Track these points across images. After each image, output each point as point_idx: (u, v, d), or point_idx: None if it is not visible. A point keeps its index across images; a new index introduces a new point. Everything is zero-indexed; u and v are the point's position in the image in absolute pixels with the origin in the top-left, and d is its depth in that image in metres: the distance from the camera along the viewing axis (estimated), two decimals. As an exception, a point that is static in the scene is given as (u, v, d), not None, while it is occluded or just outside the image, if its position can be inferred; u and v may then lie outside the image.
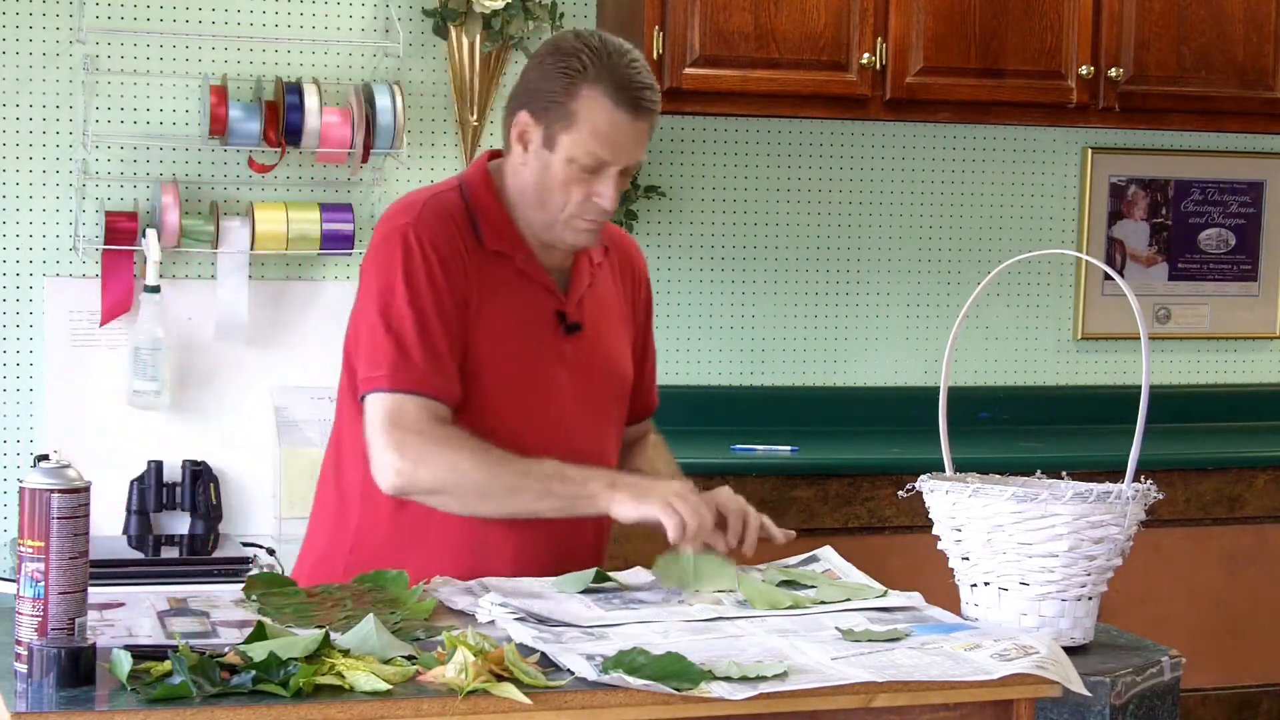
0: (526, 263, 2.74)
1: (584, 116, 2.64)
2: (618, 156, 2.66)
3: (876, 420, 4.90)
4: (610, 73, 2.64)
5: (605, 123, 2.63)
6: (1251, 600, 4.72)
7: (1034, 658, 2.24)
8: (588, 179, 2.67)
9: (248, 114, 4.32)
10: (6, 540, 4.32)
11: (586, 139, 2.64)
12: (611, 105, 2.63)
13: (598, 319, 2.81)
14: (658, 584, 2.60)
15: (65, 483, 2.10)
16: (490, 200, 2.75)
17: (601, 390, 2.82)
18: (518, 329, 2.72)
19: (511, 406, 2.71)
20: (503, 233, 2.73)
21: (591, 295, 2.81)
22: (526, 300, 2.74)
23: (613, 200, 2.68)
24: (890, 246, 4.99)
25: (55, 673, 2.03)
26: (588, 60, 2.65)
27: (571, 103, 2.64)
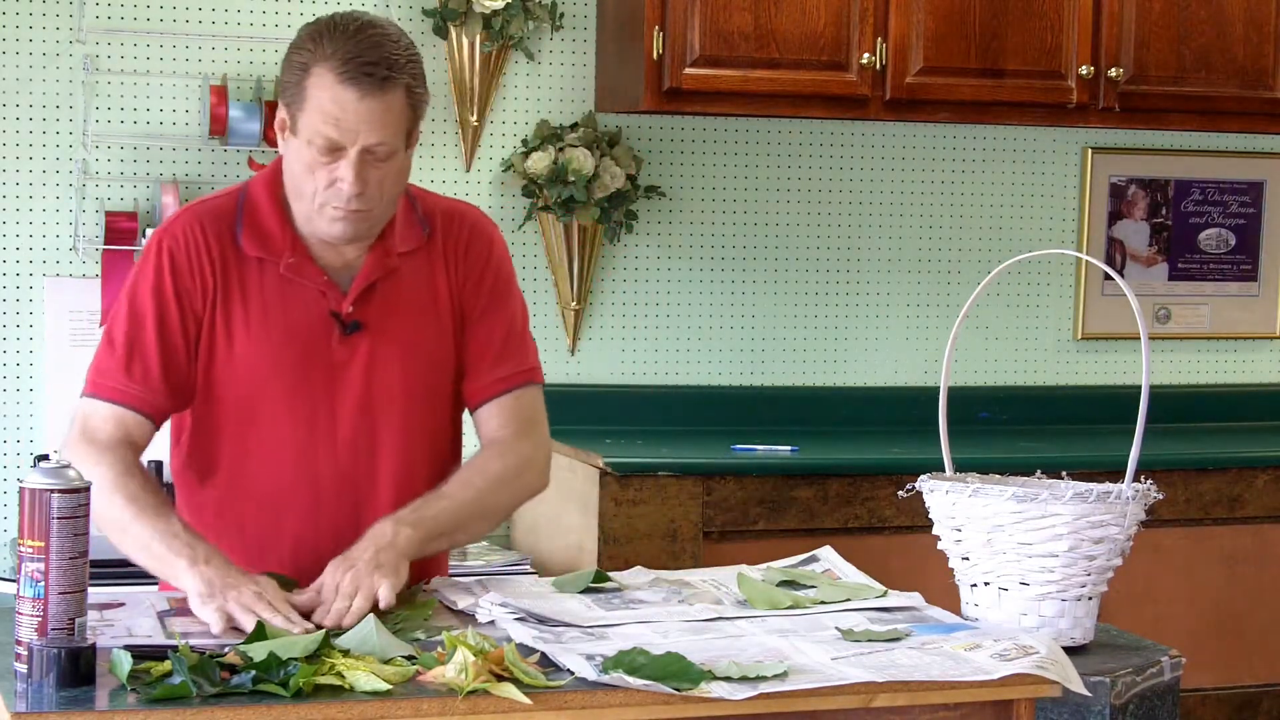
0: (293, 266, 2.63)
1: (311, 95, 2.53)
2: (347, 136, 2.51)
3: (876, 420, 4.90)
4: (338, 49, 2.52)
5: (329, 100, 2.52)
6: (1251, 600, 4.72)
7: (1034, 658, 2.24)
8: (330, 163, 2.54)
9: (248, 114, 4.32)
10: (6, 540, 4.32)
11: (315, 119, 2.53)
12: (334, 81, 2.51)
13: (392, 313, 2.68)
14: (658, 584, 2.60)
15: (65, 483, 2.10)
16: (268, 203, 2.66)
17: (399, 387, 2.68)
18: (281, 335, 2.63)
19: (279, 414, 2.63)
20: (267, 236, 2.64)
21: (388, 288, 2.68)
22: (295, 305, 2.63)
23: (354, 184, 2.52)
24: (890, 246, 4.99)
25: (55, 673, 2.03)
26: (321, 39, 2.54)
27: (304, 83, 2.54)
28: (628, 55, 4.49)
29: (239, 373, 2.63)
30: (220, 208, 2.68)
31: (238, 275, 2.63)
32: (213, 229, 2.64)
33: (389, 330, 2.67)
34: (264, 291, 2.63)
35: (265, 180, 2.68)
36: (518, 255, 4.66)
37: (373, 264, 2.66)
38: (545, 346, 4.67)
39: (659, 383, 4.81)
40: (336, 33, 2.54)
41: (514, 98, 4.64)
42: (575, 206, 4.56)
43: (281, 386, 2.63)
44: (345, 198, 2.55)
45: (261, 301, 2.63)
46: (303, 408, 2.64)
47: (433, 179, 4.57)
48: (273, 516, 2.65)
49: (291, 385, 2.63)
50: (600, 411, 4.71)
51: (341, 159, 2.53)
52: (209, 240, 2.63)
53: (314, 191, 2.57)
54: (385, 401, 2.67)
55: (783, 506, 4.26)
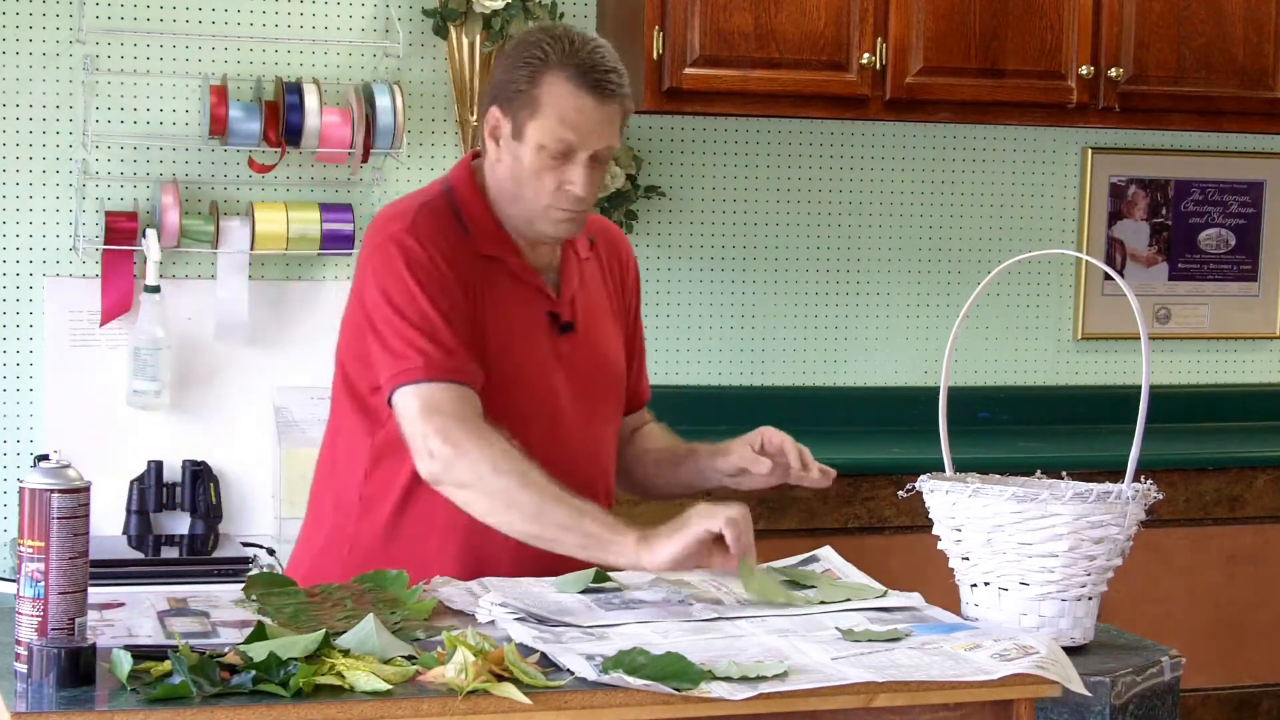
0: (518, 264, 2.74)
1: (548, 102, 2.64)
2: (585, 140, 2.65)
3: (876, 420, 4.90)
4: (572, 57, 2.64)
5: (570, 106, 2.63)
6: (1251, 600, 4.72)
7: (1034, 658, 2.23)
8: (559, 167, 2.66)
9: (248, 114, 4.32)
10: (6, 540, 4.32)
11: (553, 124, 2.64)
12: (574, 88, 2.63)
13: (589, 316, 2.81)
14: (658, 584, 2.60)
15: (65, 483, 2.10)
16: (477, 202, 2.75)
17: (597, 388, 2.81)
18: (514, 332, 2.72)
19: (511, 410, 2.69)
20: (492, 235, 2.73)
21: (582, 292, 2.81)
22: (520, 302, 2.73)
23: (585, 186, 2.66)
24: (890, 246, 5.00)
25: (55, 673, 2.03)
26: (549, 48, 2.66)
27: (535, 90, 2.64)
28: (628, 55, 4.48)
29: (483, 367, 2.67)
30: (439, 208, 2.74)
31: (477, 272, 2.70)
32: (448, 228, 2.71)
33: (590, 332, 2.80)
34: (498, 288, 2.72)
35: (467, 184, 2.76)
36: (518, 255, 4.67)
37: (572, 266, 2.80)
38: (545, 346, 4.67)
39: (660, 383, 4.79)
40: (566, 43, 2.66)
41: (514, 98, 4.64)
42: (575, 206, 4.56)
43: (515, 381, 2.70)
44: (574, 200, 2.67)
45: (498, 298, 2.71)
46: (534, 403, 2.72)
47: (433, 179, 4.56)
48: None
49: (525, 380, 2.72)
50: (600, 411, 4.70)
51: (572, 162, 2.65)
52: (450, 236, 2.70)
53: (537, 194, 2.67)
54: (600, 397, 2.80)
55: (783, 506, 4.26)
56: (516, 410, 2.70)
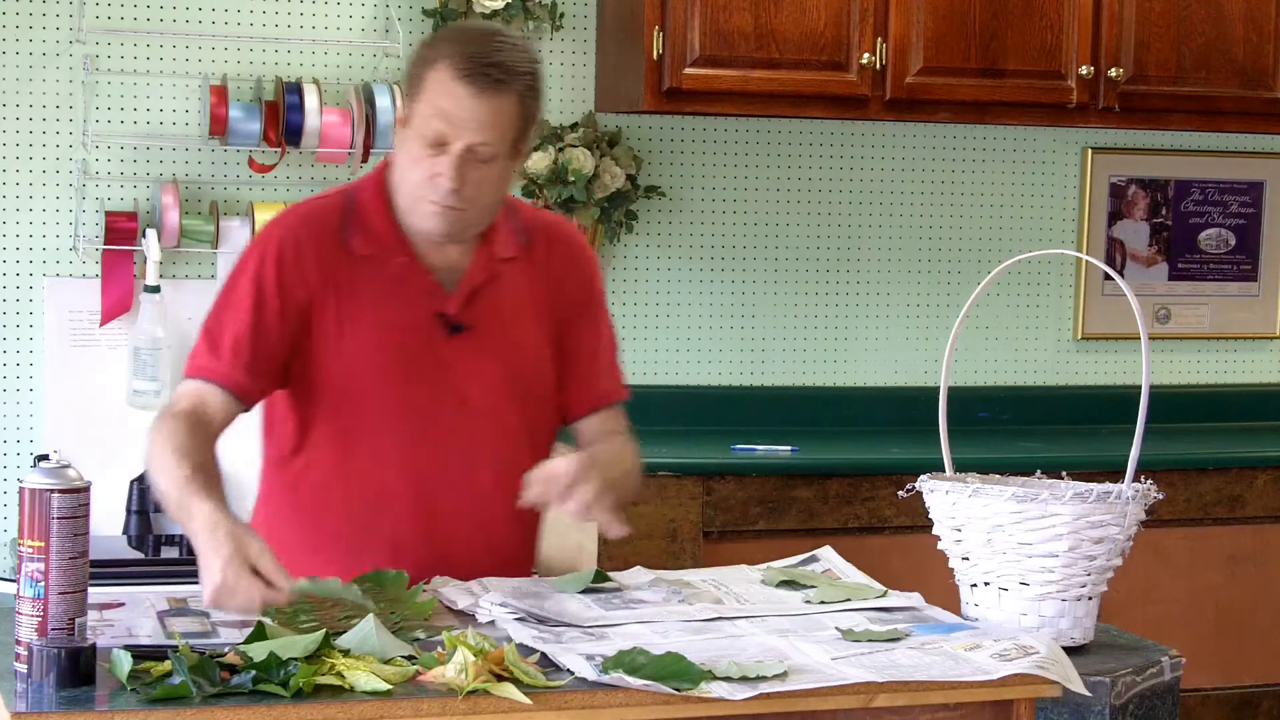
0: (403, 266, 2.68)
1: (428, 87, 2.60)
2: (455, 132, 2.57)
3: (876, 420, 4.90)
4: (460, 48, 2.60)
5: (444, 94, 2.58)
6: (1251, 600, 4.72)
7: (1034, 658, 2.24)
8: (433, 157, 2.60)
9: (248, 114, 4.32)
10: (6, 540, 4.32)
11: (427, 111, 2.59)
12: (451, 77, 2.58)
13: (496, 316, 2.73)
14: (658, 584, 2.60)
15: (65, 483, 2.10)
16: (375, 203, 2.70)
17: (501, 390, 2.73)
18: (389, 334, 2.67)
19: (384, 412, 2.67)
20: (378, 236, 2.69)
21: (491, 291, 2.73)
22: (402, 304, 2.68)
23: (451, 180, 2.58)
24: (890, 246, 4.99)
25: (55, 673, 2.03)
26: (449, 38, 2.66)
27: (423, 76, 2.61)
28: (628, 55, 4.49)
29: (346, 368, 2.67)
30: (325, 209, 2.74)
31: (347, 273, 2.68)
32: (319, 229, 2.70)
33: (492, 333, 2.72)
34: (373, 290, 2.68)
35: (373, 182, 2.74)
36: (518, 255, 4.67)
37: (478, 267, 2.72)
38: (545, 346, 4.67)
39: (659, 383, 4.81)
40: (465, 34, 2.67)
41: (514, 98, 4.64)
42: (575, 206, 4.56)
43: (387, 384, 2.67)
44: (442, 193, 2.60)
45: (370, 299, 2.68)
46: (407, 406, 2.68)
47: (433, 179, 4.57)
48: (374, 513, 2.69)
49: (397, 383, 2.67)
50: (600, 411, 4.70)
51: (445, 154, 2.59)
52: (317, 238, 2.69)
53: (413, 184, 2.63)
54: (488, 403, 2.72)
55: (783, 506, 4.26)
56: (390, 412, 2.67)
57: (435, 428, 2.69)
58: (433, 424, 2.69)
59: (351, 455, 2.69)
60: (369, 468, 2.68)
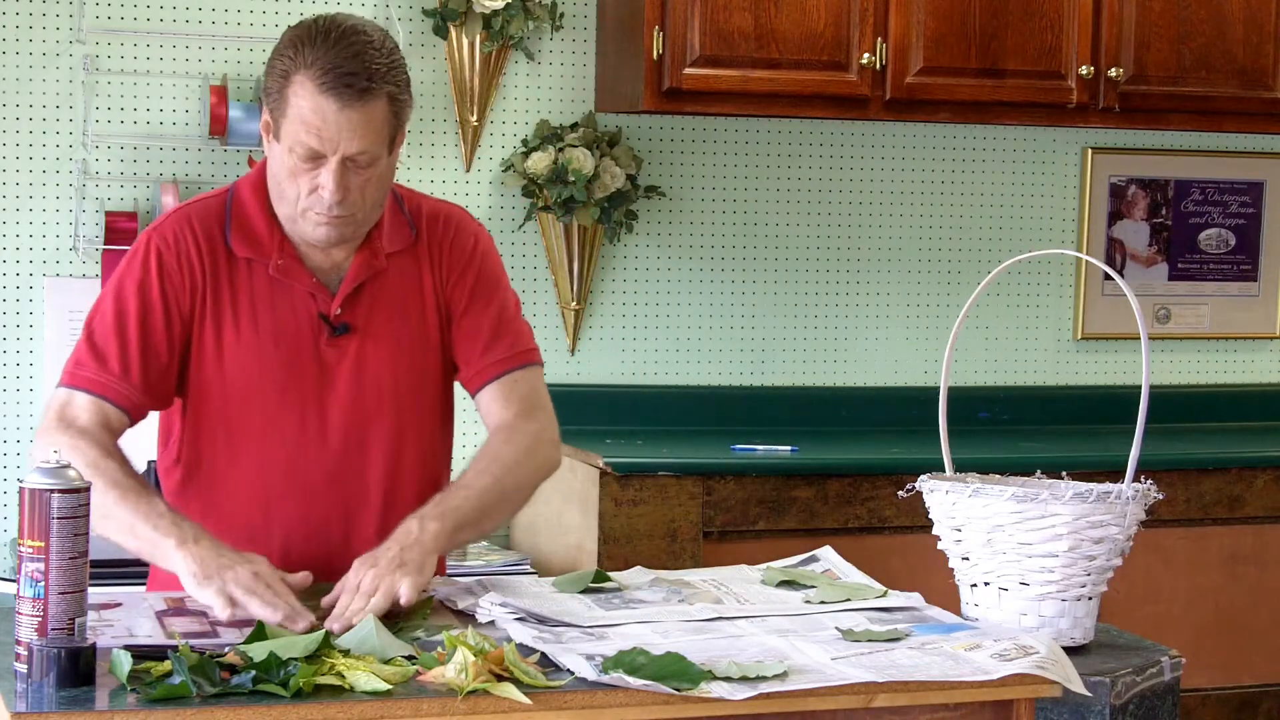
0: (282, 268, 2.64)
1: (293, 103, 2.53)
2: (327, 145, 2.51)
3: (876, 420, 4.90)
4: (319, 59, 2.51)
5: (309, 109, 2.51)
6: (1251, 600, 4.72)
7: (1034, 658, 2.24)
8: (310, 170, 2.54)
9: (248, 114, 4.32)
10: (6, 540, 4.32)
11: (296, 127, 2.52)
12: (315, 91, 2.50)
13: (383, 313, 2.69)
14: (658, 584, 2.60)
15: (65, 483, 2.10)
16: (255, 204, 2.66)
17: (388, 387, 2.69)
18: (270, 336, 2.63)
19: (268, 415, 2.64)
20: (257, 239, 2.64)
21: (375, 289, 2.68)
22: (283, 306, 2.64)
23: (335, 192, 2.52)
24: (890, 246, 5.00)
25: (55, 673, 2.03)
26: (300, 47, 2.54)
27: (285, 91, 2.54)
28: (628, 55, 4.49)
29: (228, 373, 2.63)
30: (210, 208, 2.68)
31: (228, 276, 2.64)
32: (203, 230, 2.65)
33: (377, 331, 2.68)
34: (253, 292, 2.64)
35: (252, 182, 2.68)
36: (518, 255, 4.67)
37: (360, 266, 2.66)
38: (545, 346, 4.64)
39: (659, 383, 4.81)
40: (318, 40, 2.53)
41: (514, 98, 4.65)
42: (575, 206, 4.56)
43: (271, 387, 2.63)
44: (327, 205, 2.55)
45: (250, 302, 2.64)
46: (292, 408, 2.64)
47: (433, 179, 4.57)
48: (262, 516, 2.65)
49: (281, 385, 2.64)
50: (600, 411, 4.71)
51: (323, 167, 2.53)
52: (199, 240, 2.64)
53: (297, 197, 2.57)
54: (374, 401, 2.67)
55: (783, 506, 4.26)
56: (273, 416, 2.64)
57: (321, 429, 2.65)
58: (319, 425, 2.65)
59: (236, 462, 2.65)
60: (254, 474, 2.65)
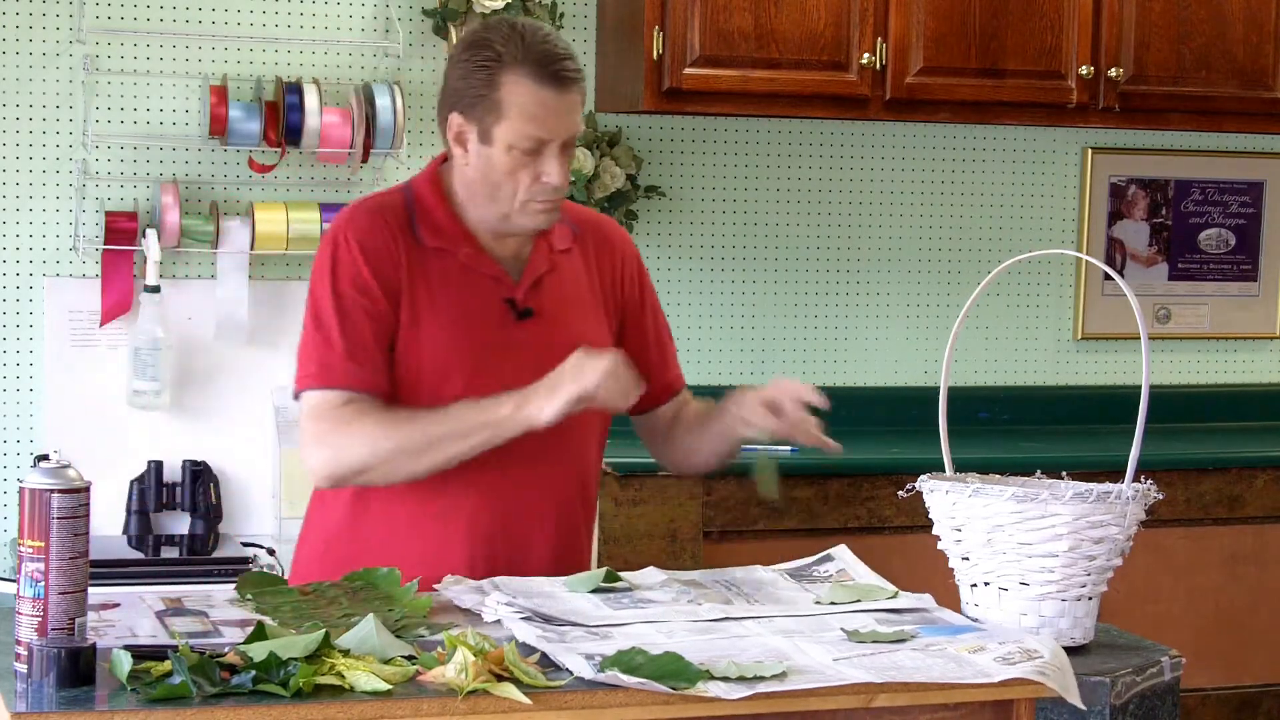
0: (471, 256, 2.75)
1: (511, 103, 2.65)
2: (554, 133, 2.67)
3: (876, 420, 4.89)
4: (525, 53, 2.65)
5: (533, 103, 2.65)
6: (1251, 600, 4.72)
7: (1036, 663, 2.23)
8: (531, 162, 2.68)
9: (248, 114, 4.32)
10: (6, 540, 4.32)
11: (520, 124, 2.66)
12: (535, 85, 2.65)
13: (560, 304, 2.80)
14: (669, 584, 2.59)
15: (65, 483, 2.10)
16: (435, 199, 2.76)
17: None
18: (462, 321, 2.72)
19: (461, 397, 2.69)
20: (442, 230, 2.75)
21: (553, 280, 2.80)
22: (472, 292, 2.74)
23: (560, 176, 2.69)
24: (890, 246, 4.99)
25: (55, 673, 2.03)
26: (500, 47, 2.67)
27: (495, 93, 2.66)
28: (628, 55, 4.49)
29: (424, 356, 2.71)
30: (388, 205, 2.78)
31: (420, 264, 2.73)
32: (391, 221, 2.75)
33: (557, 319, 2.78)
34: (444, 280, 2.74)
35: (428, 181, 2.79)
36: (518, 255, 4.67)
37: (541, 255, 2.79)
38: (545, 346, 4.67)
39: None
40: (518, 39, 2.67)
41: (514, 98, 4.64)
42: (575, 206, 4.56)
43: (462, 369, 2.71)
44: (553, 190, 2.69)
45: (443, 288, 2.73)
46: (483, 390, 2.69)
47: (433, 179, 4.57)
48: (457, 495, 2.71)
49: (472, 368, 2.72)
50: (600, 411, 4.70)
51: (544, 155, 2.67)
52: (392, 230, 2.74)
53: (515, 192, 2.69)
54: None
55: (783, 507, 4.25)
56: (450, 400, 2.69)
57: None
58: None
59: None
60: None
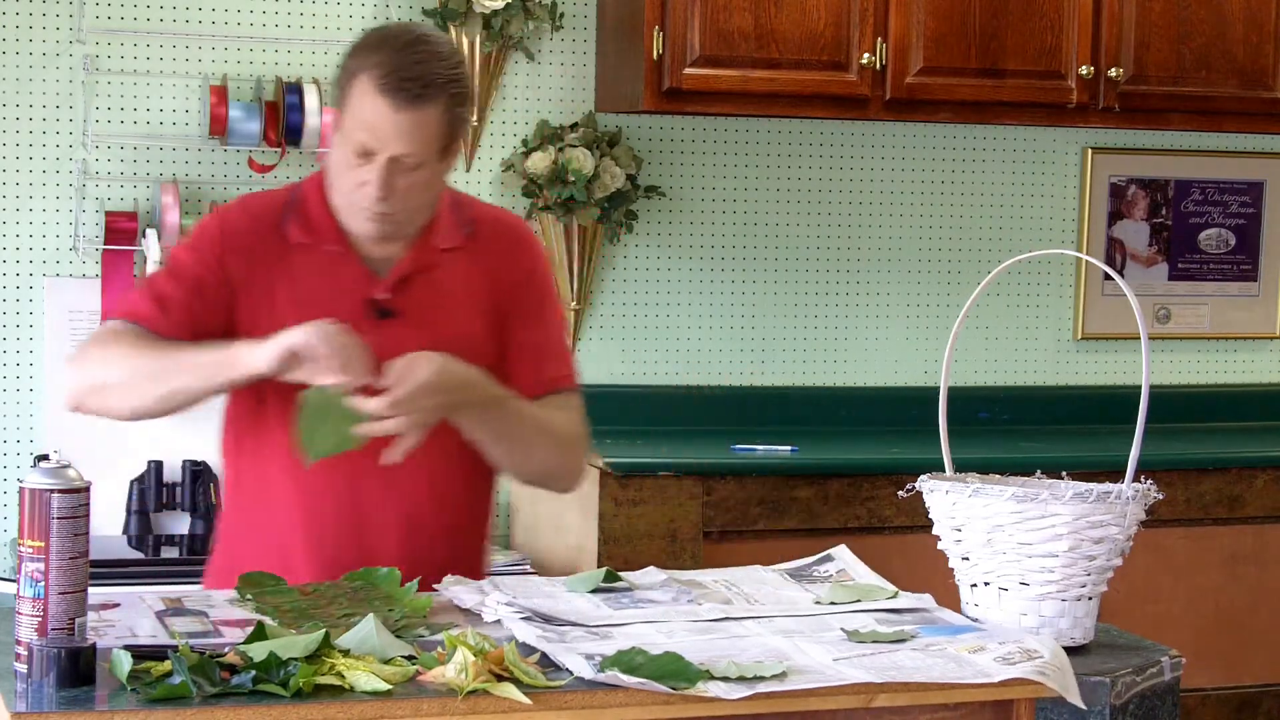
0: (336, 253, 2.73)
1: (353, 101, 2.65)
2: (380, 144, 2.62)
3: (876, 420, 4.90)
4: (382, 61, 2.63)
5: (367, 108, 2.63)
6: (1251, 600, 4.72)
7: (1036, 663, 2.23)
8: (361, 166, 2.65)
9: (248, 114, 4.32)
10: (6, 540, 4.32)
11: (352, 123, 2.65)
12: (373, 91, 2.62)
13: (428, 305, 2.75)
14: (670, 584, 2.59)
15: (65, 483, 2.10)
16: (316, 196, 2.76)
17: None
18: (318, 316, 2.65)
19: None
20: (314, 227, 2.74)
21: (425, 280, 2.76)
22: (334, 290, 2.72)
23: (379, 189, 2.63)
24: (890, 246, 4.99)
25: (55, 673, 2.03)
26: (371, 47, 2.67)
27: (349, 87, 2.67)
28: (628, 55, 4.49)
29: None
30: (271, 201, 2.82)
31: (277, 259, 2.74)
32: (262, 216, 2.78)
33: (422, 321, 2.74)
34: (301, 275, 2.74)
35: (318, 178, 2.80)
36: (518, 255, 4.67)
37: (412, 256, 2.76)
38: (545, 346, 4.67)
39: (659, 383, 4.81)
40: (387, 44, 2.67)
41: (514, 98, 4.65)
42: (575, 206, 4.56)
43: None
44: (370, 200, 2.66)
45: (302, 285, 2.73)
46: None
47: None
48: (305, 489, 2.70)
49: None
50: (600, 411, 4.67)
51: (371, 164, 2.64)
52: (258, 225, 2.76)
53: (344, 189, 2.69)
54: None
55: (783, 506, 4.26)
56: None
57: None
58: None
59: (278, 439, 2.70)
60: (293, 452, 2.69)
